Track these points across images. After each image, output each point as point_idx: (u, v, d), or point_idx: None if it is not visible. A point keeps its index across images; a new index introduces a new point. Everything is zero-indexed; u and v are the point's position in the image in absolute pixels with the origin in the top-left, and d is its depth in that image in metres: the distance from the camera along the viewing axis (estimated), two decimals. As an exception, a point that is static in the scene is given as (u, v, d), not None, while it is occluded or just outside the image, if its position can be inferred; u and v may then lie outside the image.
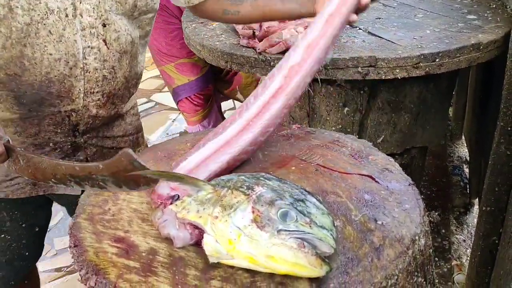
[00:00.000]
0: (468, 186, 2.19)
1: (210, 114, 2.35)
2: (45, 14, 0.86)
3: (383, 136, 1.48)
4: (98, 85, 0.97)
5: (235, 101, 2.77)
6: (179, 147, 1.00)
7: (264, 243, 0.60)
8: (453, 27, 1.36)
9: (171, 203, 0.73)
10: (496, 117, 1.27)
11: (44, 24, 0.86)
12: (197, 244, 0.70)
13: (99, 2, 0.90)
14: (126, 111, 1.12)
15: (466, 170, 2.32)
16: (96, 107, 1.00)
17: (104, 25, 0.93)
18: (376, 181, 0.83)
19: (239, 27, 1.35)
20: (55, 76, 0.91)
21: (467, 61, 1.24)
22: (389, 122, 1.45)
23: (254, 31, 1.28)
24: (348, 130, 1.48)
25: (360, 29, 1.38)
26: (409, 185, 0.82)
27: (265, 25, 1.26)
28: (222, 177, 0.74)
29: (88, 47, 0.92)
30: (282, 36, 1.20)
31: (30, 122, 0.96)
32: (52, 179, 0.78)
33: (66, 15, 0.87)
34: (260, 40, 1.26)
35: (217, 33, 1.42)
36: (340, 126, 1.48)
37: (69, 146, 1.02)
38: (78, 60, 0.92)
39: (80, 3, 0.88)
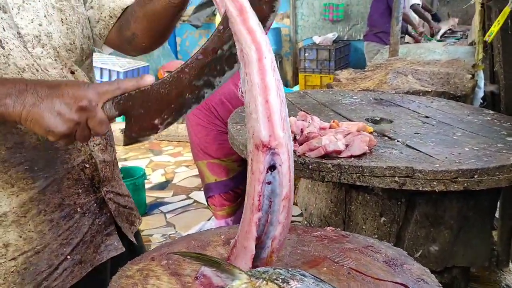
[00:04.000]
0: (517, 319, 2.00)
1: (237, 212, 2.38)
2: (18, 74, 0.86)
3: (421, 251, 1.43)
4: None
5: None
6: (213, 238, 1.02)
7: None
8: (492, 147, 1.38)
9: None
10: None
11: None
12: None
13: (57, 53, 0.92)
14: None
15: (515, 301, 2.14)
16: (101, 151, 1.00)
17: (72, 72, 0.95)
18: (410, 291, 0.80)
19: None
20: None
21: (507, 180, 1.23)
22: (428, 236, 1.41)
23: (296, 135, 1.35)
24: (385, 241, 1.44)
25: (398, 141, 1.43)
26: (446, 298, 0.78)
27: (306, 130, 1.34)
28: (258, 269, 0.74)
29: None
30: (321, 142, 1.26)
31: (50, 191, 0.93)
32: (178, 98, 0.72)
33: (37, 70, 0.88)
34: (301, 144, 1.32)
35: (260, 135, 1.51)
36: (377, 236, 1.45)
37: (95, 205, 1.00)
38: None
39: (40, 59, 0.90)
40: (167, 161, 4.47)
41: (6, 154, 0.87)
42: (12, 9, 0.87)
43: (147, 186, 3.60)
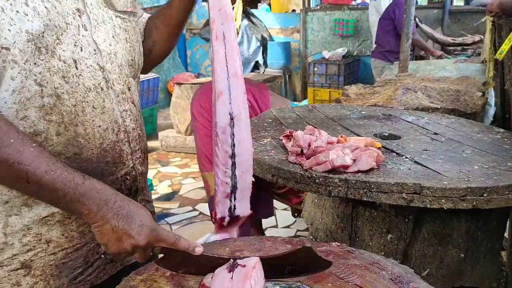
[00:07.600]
0: None
1: (241, 227, 2.36)
2: (85, 93, 0.95)
3: (428, 270, 1.41)
4: (137, 143, 1.07)
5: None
6: (217, 250, 1.01)
7: None
8: (502, 165, 1.36)
9: None
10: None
11: (87, 102, 0.95)
12: None
13: (121, 70, 1.03)
14: None
15: (525, 324, 2.09)
16: (140, 164, 1.09)
17: (129, 89, 1.05)
18: (416, 310, 0.79)
19: (288, 145, 1.42)
20: (108, 145, 0.99)
21: (517, 199, 1.21)
22: (435, 255, 1.39)
23: (303, 149, 1.34)
24: (391, 258, 1.42)
25: (406, 157, 1.42)
26: (453, 319, 0.77)
27: (314, 144, 1.33)
28: None
29: (124, 110, 1.03)
30: (329, 156, 1.25)
31: None
32: (210, 269, 0.89)
33: (102, 89, 0.98)
34: (308, 158, 1.31)
35: (267, 148, 1.51)
36: (383, 253, 1.43)
37: None
38: (120, 124, 1.01)
39: (110, 73, 1.00)
40: (174, 172, 4.48)
41: (65, 163, 0.92)
42: (91, 28, 0.97)
43: (153, 196, 3.60)
